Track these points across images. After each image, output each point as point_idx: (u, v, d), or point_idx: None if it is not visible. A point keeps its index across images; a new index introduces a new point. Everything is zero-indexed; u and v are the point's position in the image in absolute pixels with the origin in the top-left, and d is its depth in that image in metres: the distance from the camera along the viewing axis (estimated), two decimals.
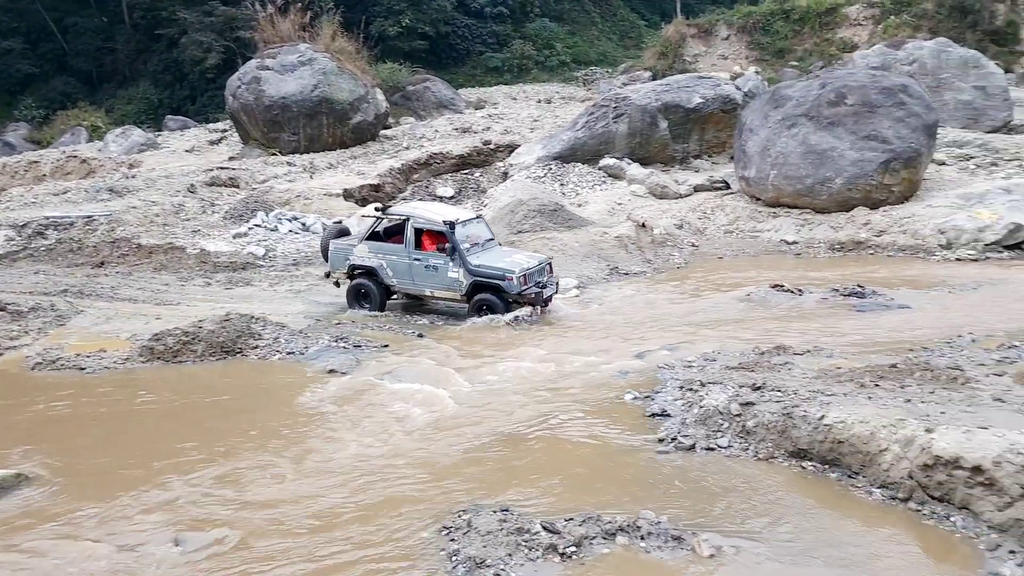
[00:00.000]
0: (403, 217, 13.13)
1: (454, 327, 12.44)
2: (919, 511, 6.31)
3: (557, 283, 13.20)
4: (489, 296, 12.38)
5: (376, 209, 13.81)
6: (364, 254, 13.17)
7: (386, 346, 11.40)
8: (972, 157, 21.64)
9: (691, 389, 8.77)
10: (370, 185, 22.58)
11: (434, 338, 11.81)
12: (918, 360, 8.93)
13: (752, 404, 7.98)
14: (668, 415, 8.34)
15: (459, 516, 6.34)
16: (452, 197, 22.68)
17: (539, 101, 35.89)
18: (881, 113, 18.23)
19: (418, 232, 12.88)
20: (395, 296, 13.61)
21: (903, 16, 35.60)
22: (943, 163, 20.73)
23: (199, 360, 10.84)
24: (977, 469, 6.09)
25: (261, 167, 24.71)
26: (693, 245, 17.88)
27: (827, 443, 7.14)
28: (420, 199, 22.01)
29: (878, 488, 6.65)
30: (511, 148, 25.70)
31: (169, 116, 37.65)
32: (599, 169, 22.92)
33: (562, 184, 22.21)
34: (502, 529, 6.03)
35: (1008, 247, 15.91)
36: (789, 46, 37.13)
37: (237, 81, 27.10)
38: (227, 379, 10.34)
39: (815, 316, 12.26)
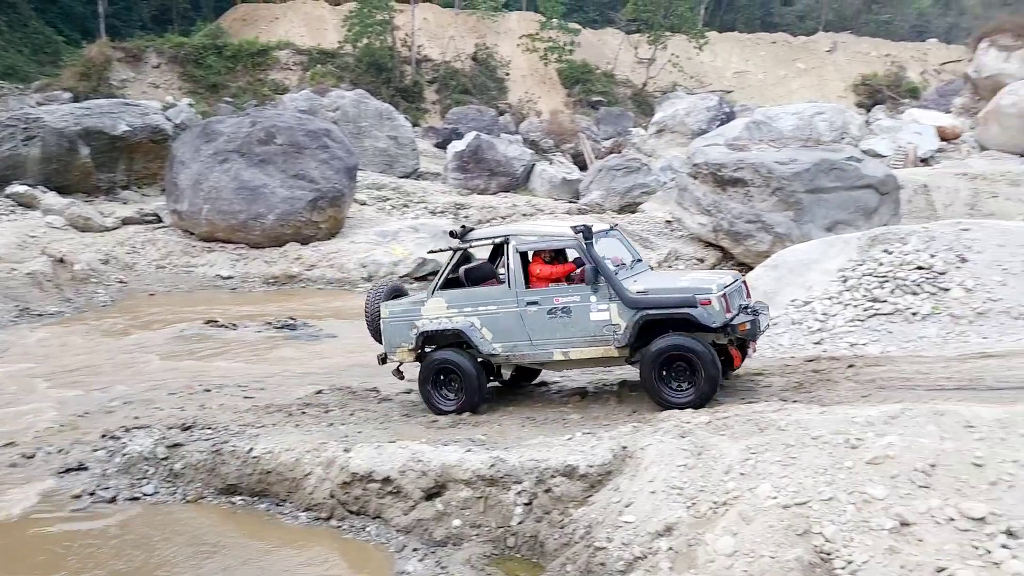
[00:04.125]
0: (499, 238, 8.37)
1: None
2: (340, 527, 6.75)
3: (767, 311, 8.46)
4: (681, 340, 7.39)
5: (451, 235, 8.68)
6: (440, 312, 8.20)
7: None
8: (388, 199, 24.27)
9: (113, 436, 8.14)
10: None
11: None
12: (341, 385, 9.58)
13: (181, 445, 7.72)
14: (86, 468, 7.62)
15: None
16: None
17: None
18: (308, 154, 19.36)
19: (525, 258, 8.14)
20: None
21: (328, 66, 38.43)
22: (364, 203, 22.82)
23: None
24: (387, 480, 6.73)
25: None
26: (121, 282, 16.76)
27: (255, 475, 7.24)
28: None
29: (304, 512, 6.94)
30: None
31: None
32: (6, 197, 20.13)
33: None
34: None
35: (417, 278, 18.12)
36: (224, 81, 37.29)
37: None
38: None
39: (250, 350, 12.39)
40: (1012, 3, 46.59)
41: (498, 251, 8.72)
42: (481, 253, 8.91)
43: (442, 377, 8.25)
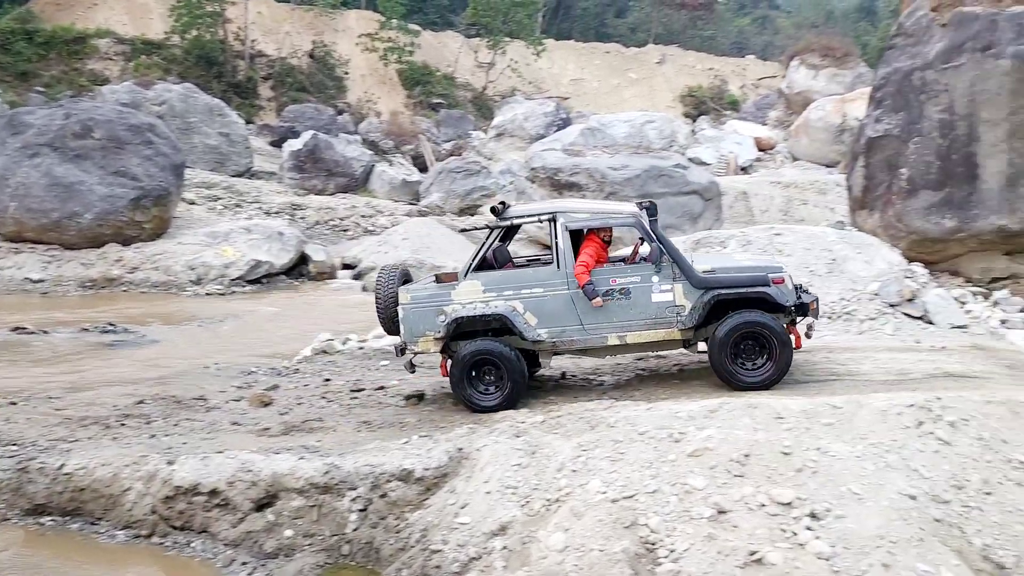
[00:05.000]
0: (546, 215, 7.74)
1: None
2: (162, 544, 6.39)
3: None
4: (755, 317, 7.23)
5: (492, 212, 7.89)
6: (475, 296, 7.50)
7: None
8: (219, 198, 23.30)
9: None
10: None
11: None
12: (165, 394, 9.08)
13: None
14: None
15: None
16: None
17: None
18: (130, 150, 18.28)
19: (576, 237, 7.68)
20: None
21: (153, 58, 36.38)
22: (193, 202, 21.79)
23: None
24: (214, 492, 6.44)
25: None
26: None
27: (67, 493, 6.74)
28: None
29: (122, 530, 6.53)
30: None
31: None
32: None
33: None
34: None
35: (250, 281, 17.50)
36: (35, 70, 34.48)
37: None
38: None
39: (63, 358, 11.53)
40: (819, 25, 50.54)
41: (510, 233, 8.36)
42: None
43: (476, 372, 7.52)
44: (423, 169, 30.44)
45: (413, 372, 8.09)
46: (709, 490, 5.32)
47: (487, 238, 7.80)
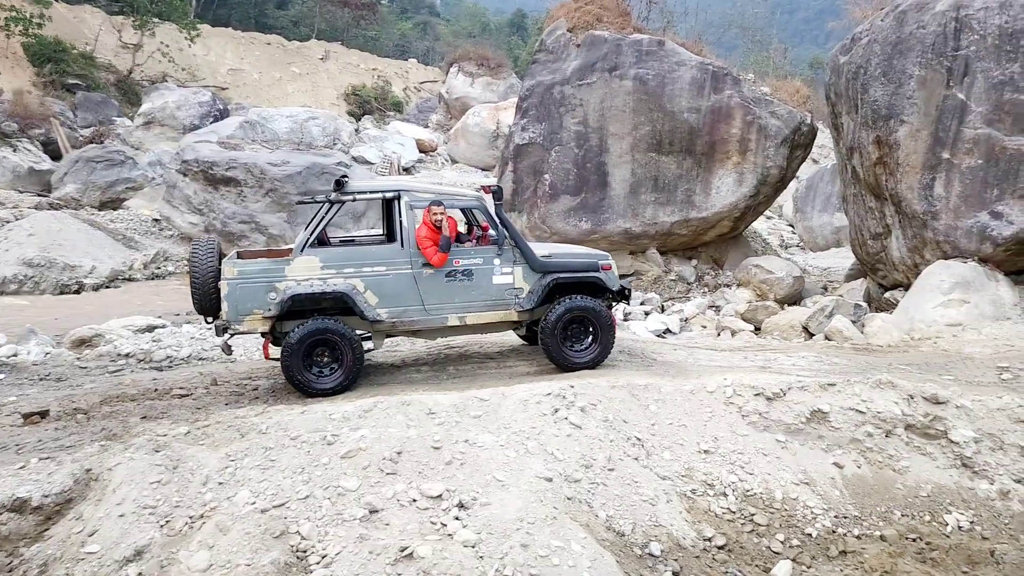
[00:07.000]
0: (391, 192, 7.57)
1: None
2: None
3: None
4: (583, 302, 7.57)
5: (336, 184, 7.40)
6: (312, 272, 7.09)
7: None
8: None
9: None
10: None
11: None
12: None
13: None
14: None
15: None
16: None
17: None
18: None
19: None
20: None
21: None
22: None
23: None
24: None
25: None
26: None
27: None
28: None
29: None
30: None
31: None
32: None
33: None
34: None
35: None
36: None
37: None
38: None
39: None
40: (476, 36, 53.33)
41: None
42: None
43: (312, 353, 7.09)
44: (56, 157, 27.17)
45: (230, 354, 7.50)
46: (362, 490, 5.30)
47: (326, 212, 7.41)
